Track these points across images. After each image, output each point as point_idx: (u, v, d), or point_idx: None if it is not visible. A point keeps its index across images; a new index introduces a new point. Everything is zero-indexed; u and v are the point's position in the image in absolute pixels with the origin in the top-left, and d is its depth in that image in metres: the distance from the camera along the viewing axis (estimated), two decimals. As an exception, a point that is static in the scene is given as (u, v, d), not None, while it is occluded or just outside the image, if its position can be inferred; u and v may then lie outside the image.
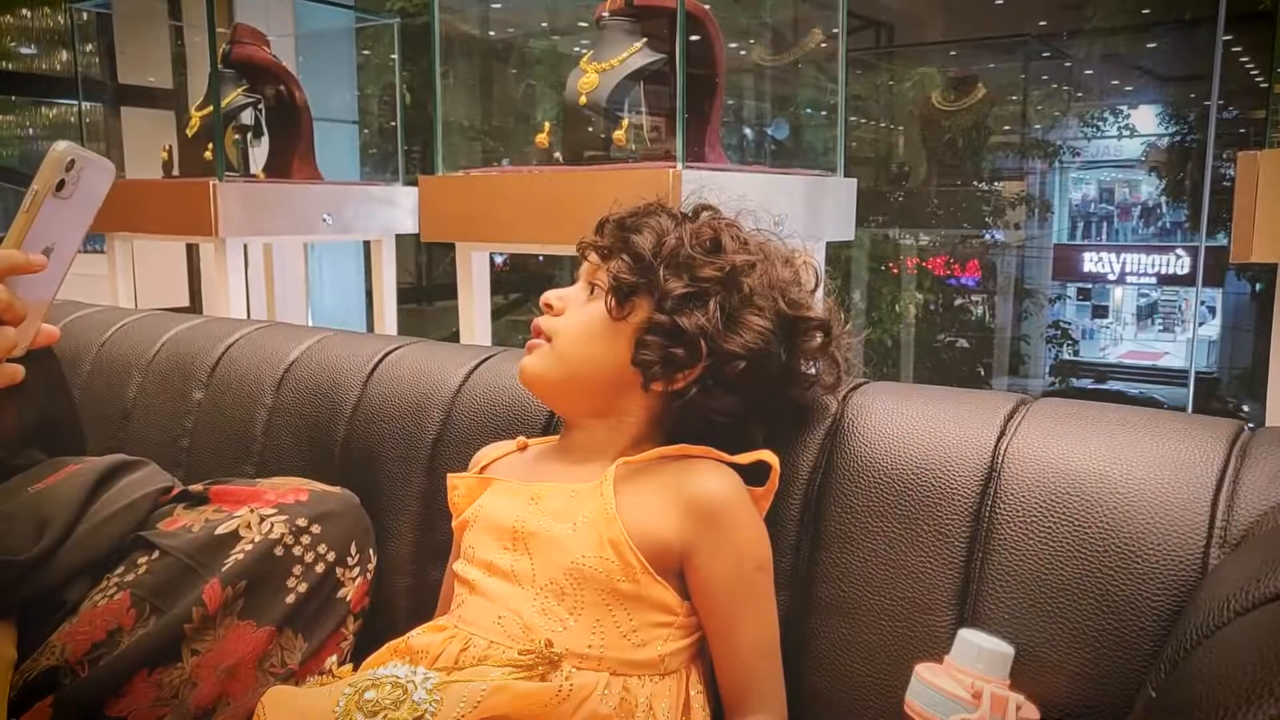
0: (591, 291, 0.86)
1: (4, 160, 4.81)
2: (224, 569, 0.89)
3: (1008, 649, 0.71)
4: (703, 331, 0.79)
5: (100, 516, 0.95)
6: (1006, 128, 5.17)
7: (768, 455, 0.82)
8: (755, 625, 0.79)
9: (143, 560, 0.91)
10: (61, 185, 0.69)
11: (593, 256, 0.87)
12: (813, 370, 0.87)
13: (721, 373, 0.80)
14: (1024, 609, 0.74)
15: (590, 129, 1.70)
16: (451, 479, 0.91)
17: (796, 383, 0.86)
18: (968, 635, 0.71)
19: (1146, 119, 5.56)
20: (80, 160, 0.69)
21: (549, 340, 0.85)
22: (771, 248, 0.87)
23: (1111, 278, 6.06)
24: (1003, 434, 0.80)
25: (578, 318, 0.85)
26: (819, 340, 0.85)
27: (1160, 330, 7.26)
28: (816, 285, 0.88)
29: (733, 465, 0.82)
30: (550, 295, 0.87)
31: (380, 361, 1.13)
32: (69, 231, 0.72)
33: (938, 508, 0.79)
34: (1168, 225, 6.02)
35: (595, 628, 0.76)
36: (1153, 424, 0.78)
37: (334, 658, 0.92)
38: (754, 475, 0.83)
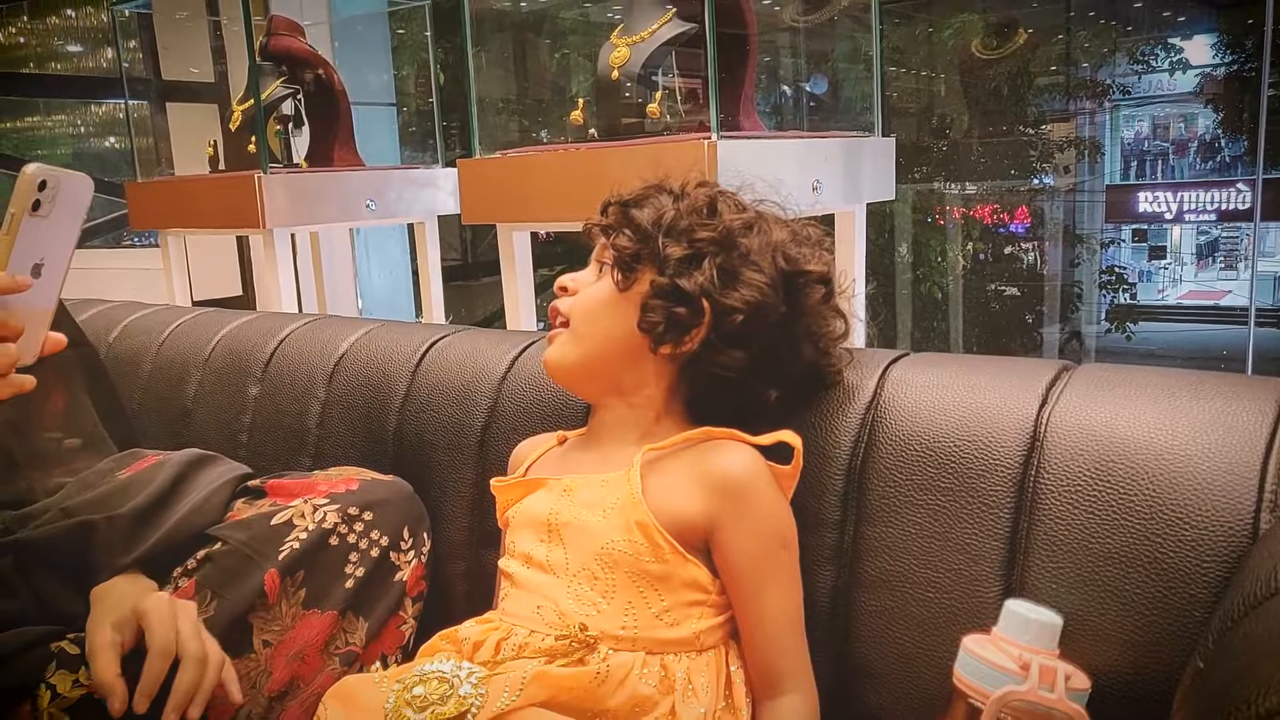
0: (601, 270, 0.89)
1: (59, 159, 4.93)
2: (280, 557, 0.92)
3: (1056, 619, 0.71)
4: (702, 289, 0.82)
5: (185, 509, 0.99)
6: (1053, 68, 5.03)
7: (788, 436, 0.83)
8: (780, 600, 0.80)
9: (204, 552, 0.94)
10: (38, 205, 0.72)
11: (599, 237, 0.90)
12: (823, 326, 0.88)
13: (724, 328, 0.82)
14: (1071, 578, 0.74)
15: (623, 104, 1.69)
16: (495, 487, 0.93)
17: (805, 338, 0.87)
18: (1014, 606, 0.71)
19: (1200, 50, 5.37)
20: (53, 179, 0.72)
21: (566, 324, 0.89)
22: (768, 211, 0.90)
23: (1168, 217, 5.89)
24: (1044, 402, 0.80)
25: (588, 294, 0.89)
26: (821, 293, 0.86)
27: (1222, 269, 7.07)
28: (818, 244, 0.89)
29: (756, 447, 0.83)
30: (564, 279, 0.91)
31: (427, 351, 1.16)
32: (56, 244, 0.75)
33: (981, 479, 0.79)
34: (1226, 159, 5.83)
35: (628, 610, 0.79)
36: (1198, 387, 0.77)
37: (391, 654, 0.96)
38: (780, 454, 0.84)
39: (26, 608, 0.88)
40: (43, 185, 0.72)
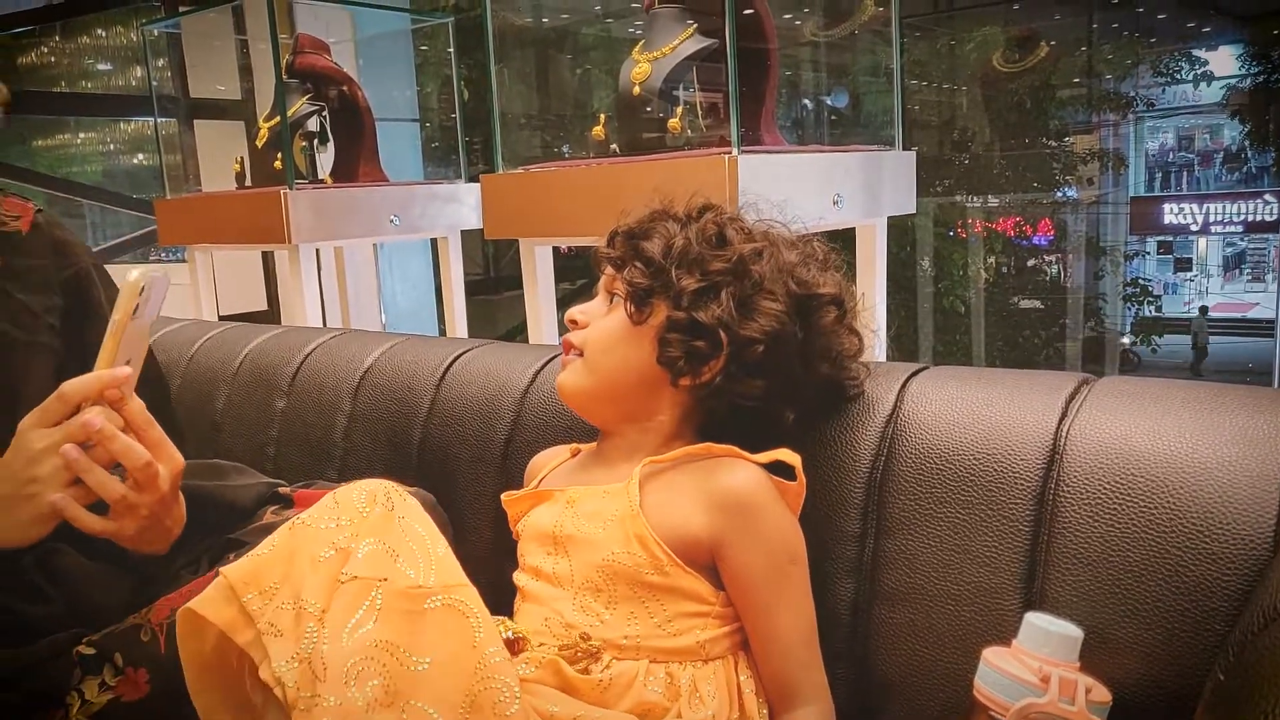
0: (611, 301, 0.89)
1: (89, 176, 5.01)
2: None
3: (1076, 632, 0.71)
4: (720, 322, 0.82)
5: (223, 483, 1.02)
6: (1075, 80, 5.01)
7: (786, 454, 0.83)
8: (791, 615, 0.81)
9: (232, 556, 0.96)
10: (136, 309, 0.75)
11: (608, 267, 0.90)
12: (838, 345, 0.88)
13: (743, 358, 0.83)
14: (1092, 591, 0.74)
15: (645, 119, 1.70)
16: (505, 502, 0.94)
17: (822, 358, 0.87)
18: (1034, 619, 0.72)
19: (1225, 61, 5.34)
20: (149, 284, 0.76)
21: (580, 354, 0.89)
22: (777, 234, 0.90)
23: (1194, 229, 5.85)
24: (1064, 415, 0.80)
25: (602, 327, 0.89)
26: (834, 314, 0.86)
27: (1250, 280, 7.00)
28: (826, 262, 0.89)
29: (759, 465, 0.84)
30: (574, 311, 0.91)
31: (451, 365, 1.17)
32: (139, 341, 0.79)
33: (1001, 492, 0.79)
34: (1253, 170, 5.79)
35: (630, 619, 0.80)
36: (1218, 400, 0.77)
37: None
38: (789, 470, 0.84)
39: (57, 613, 0.90)
40: (142, 290, 0.75)
